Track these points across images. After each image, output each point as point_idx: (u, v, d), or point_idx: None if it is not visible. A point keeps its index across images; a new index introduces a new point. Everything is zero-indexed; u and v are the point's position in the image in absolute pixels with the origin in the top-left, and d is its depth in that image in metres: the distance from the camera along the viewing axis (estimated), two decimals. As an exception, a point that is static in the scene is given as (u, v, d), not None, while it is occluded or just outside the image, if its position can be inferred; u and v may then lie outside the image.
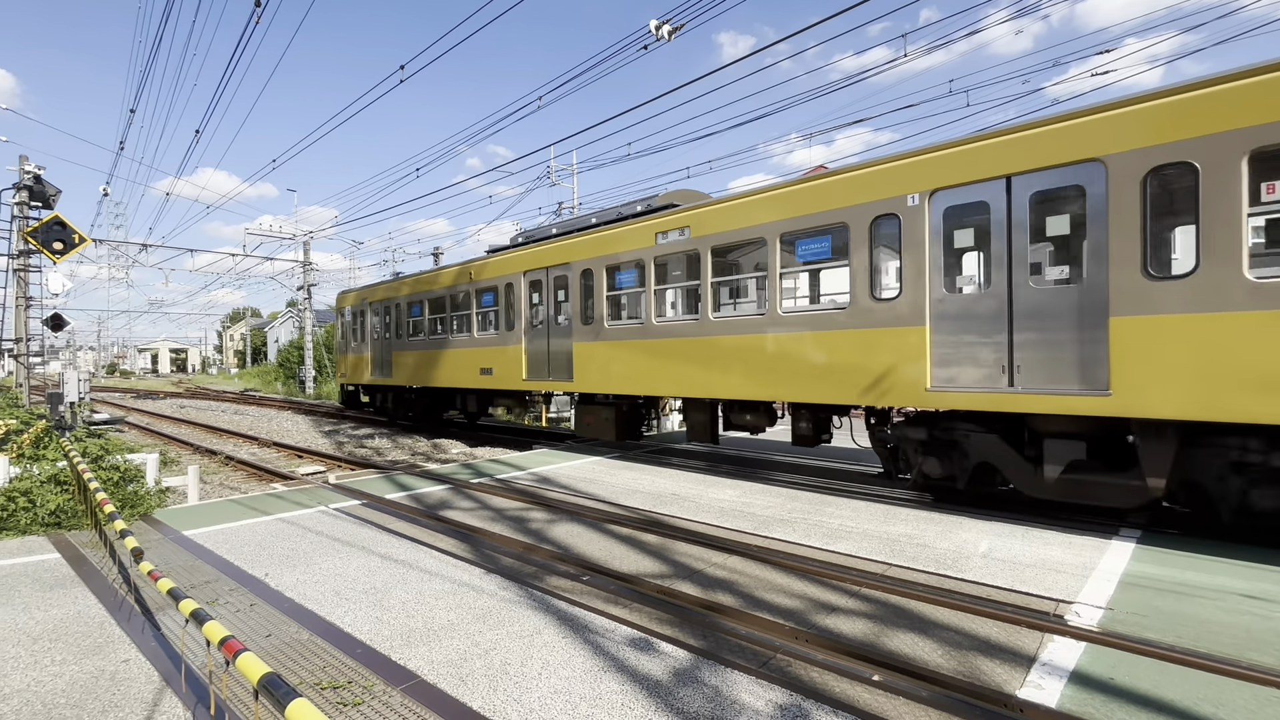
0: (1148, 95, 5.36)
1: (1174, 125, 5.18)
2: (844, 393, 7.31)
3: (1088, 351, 5.66)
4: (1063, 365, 5.81)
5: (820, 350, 7.54)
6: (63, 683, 3.43)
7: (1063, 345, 5.82)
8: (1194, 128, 5.08)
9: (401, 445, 14.78)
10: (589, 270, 10.64)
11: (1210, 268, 5.02)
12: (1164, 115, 5.25)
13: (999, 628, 4.05)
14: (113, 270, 33.20)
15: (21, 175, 16.30)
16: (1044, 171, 5.84)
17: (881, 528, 6.25)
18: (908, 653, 3.76)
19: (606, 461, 10.47)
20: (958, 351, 6.44)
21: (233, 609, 4.44)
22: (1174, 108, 5.20)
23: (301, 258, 33.96)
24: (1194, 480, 5.69)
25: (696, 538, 6.04)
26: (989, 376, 6.24)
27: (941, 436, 7.02)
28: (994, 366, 6.21)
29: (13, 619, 4.30)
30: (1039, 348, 5.94)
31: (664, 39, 9.10)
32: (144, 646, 3.86)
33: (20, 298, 16.50)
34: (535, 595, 4.58)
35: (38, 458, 8.10)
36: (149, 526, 6.84)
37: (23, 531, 6.54)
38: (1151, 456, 5.61)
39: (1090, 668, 3.49)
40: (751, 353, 8.24)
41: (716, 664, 3.52)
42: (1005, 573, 4.94)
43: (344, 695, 3.25)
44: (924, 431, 7.13)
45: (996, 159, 6.11)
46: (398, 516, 7.11)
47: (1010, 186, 6.06)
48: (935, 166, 6.53)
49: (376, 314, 17.53)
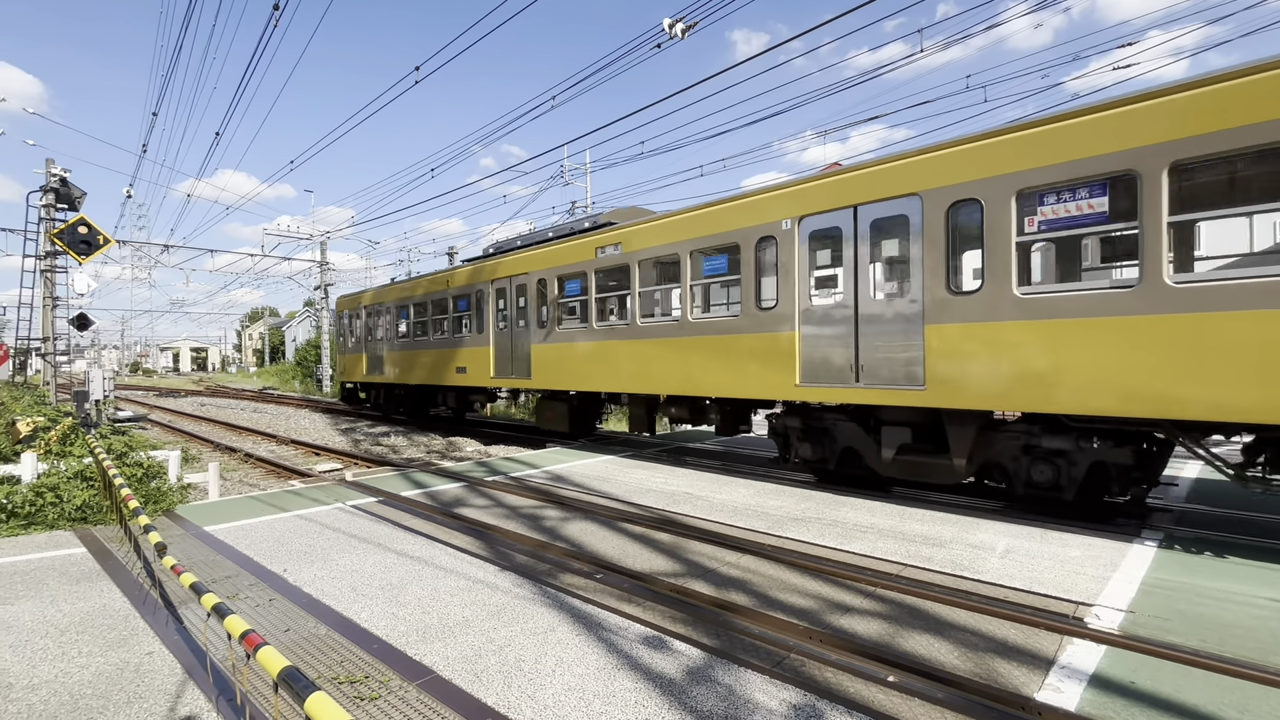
0: (956, 141, 6.51)
1: (967, 168, 6.34)
2: (741, 389, 8.52)
3: (910, 353, 6.81)
4: (893, 365, 6.97)
5: (721, 352, 8.72)
6: (89, 674, 3.51)
7: (893, 348, 6.97)
8: (980, 170, 6.24)
9: (417, 443, 14.92)
10: (543, 279, 11.93)
11: (991, 285, 6.18)
12: (961, 159, 6.40)
13: (1016, 629, 4.00)
14: (135, 271, 33.87)
15: (48, 178, 16.67)
16: (879, 203, 7.04)
17: (896, 527, 6.20)
18: (923, 654, 3.73)
19: (619, 460, 10.49)
20: (819, 353, 7.64)
21: (253, 604, 4.51)
22: (968, 153, 6.36)
23: (318, 258, 34.38)
24: (994, 461, 6.89)
25: (710, 536, 6.03)
26: (842, 374, 7.42)
27: (814, 425, 8.32)
28: (845, 365, 7.40)
29: (41, 611, 4.41)
30: (877, 350, 7.11)
31: (677, 37, 9.08)
32: (167, 639, 3.94)
33: (47, 298, 16.88)
34: (549, 593, 4.60)
35: (64, 454, 8.28)
36: (171, 522, 6.97)
37: (50, 526, 6.70)
38: (957, 441, 6.87)
39: (1110, 671, 3.44)
40: (672, 354, 9.43)
41: (730, 663, 3.51)
42: (1023, 574, 4.88)
43: (361, 690, 3.29)
44: (799, 421, 8.43)
45: (847, 191, 7.31)
46: (413, 514, 7.18)
47: (856, 214, 7.25)
48: (804, 196, 7.71)
49: (370, 317, 18.99)
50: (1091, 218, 5.66)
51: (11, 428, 8.92)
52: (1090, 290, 5.69)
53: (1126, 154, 5.38)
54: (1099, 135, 5.55)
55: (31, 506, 6.74)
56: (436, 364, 15.49)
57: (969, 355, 6.35)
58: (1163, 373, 5.25)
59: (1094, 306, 5.59)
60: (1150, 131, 5.30)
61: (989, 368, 6.24)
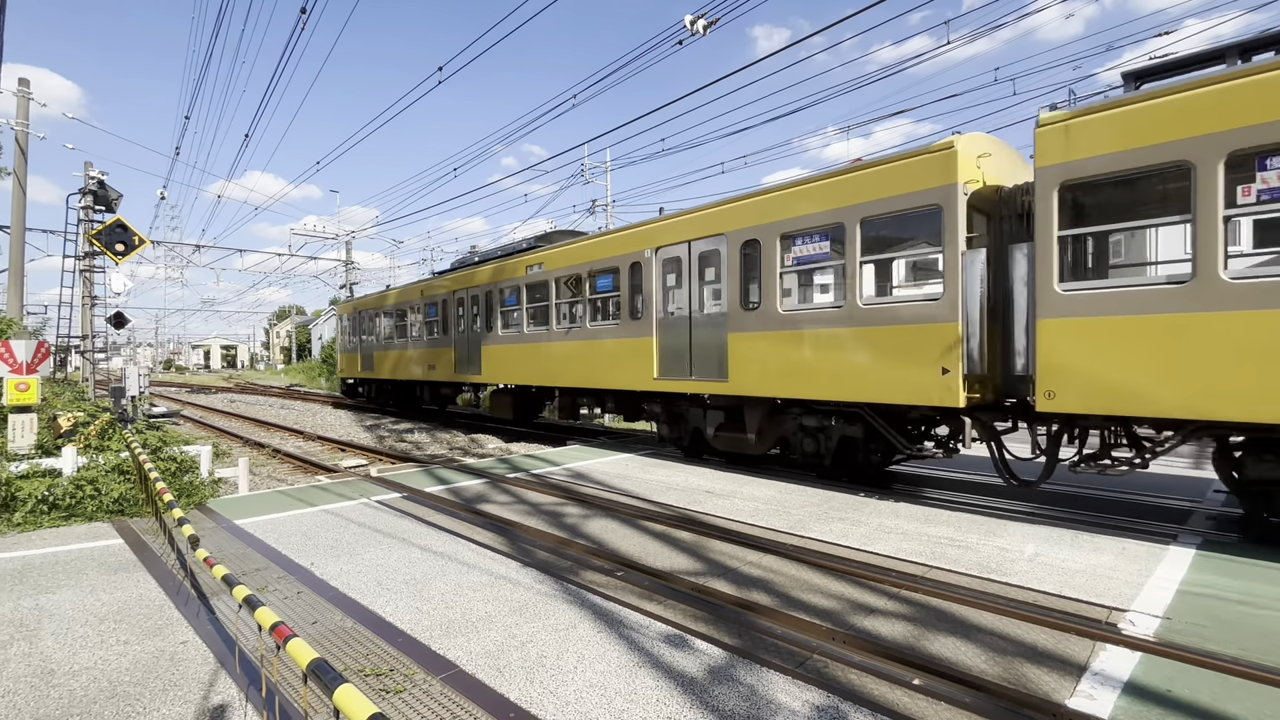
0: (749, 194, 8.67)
1: (753, 216, 8.55)
2: (623, 381, 10.78)
3: (721, 354, 8.99)
4: (712, 362, 9.18)
5: (609, 353, 11.03)
6: (127, 661, 3.62)
7: (712, 350, 9.18)
8: (761, 218, 8.42)
9: (440, 440, 15.10)
10: (490, 292, 14.39)
11: (766, 303, 8.39)
12: (749, 209, 8.61)
13: (1046, 634, 3.91)
14: (169, 270, 34.80)
15: (86, 180, 17.19)
16: (704, 239, 9.31)
17: (921, 529, 6.11)
18: (949, 657, 3.66)
19: (639, 459, 10.49)
20: (670, 352, 9.95)
21: (281, 596, 4.61)
22: (754, 205, 8.55)
23: (344, 257, 34.96)
24: (784, 437, 8.97)
25: (731, 535, 6.01)
26: (682, 369, 9.70)
27: (671, 409, 10.67)
28: (684, 362, 9.67)
29: (81, 600, 4.56)
30: (702, 351, 9.36)
31: (699, 34, 9.04)
32: (200, 629, 4.04)
33: (86, 297, 17.42)
34: (570, 589, 4.63)
35: (102, 449, 8.54)
36: (203, 515, 7.15)
37: (89, 518, 6.92)
38: (752, 421, 9.07)
39: (1146, 679, 3.34)
40: (579, 354, 11.73)
41: (752, 663, 3.49)
42: (1053, 578, 4.77)
43: (386, 683, 3.34)
44: (660, 407, 10.81)
45: (685, 230, 9.61)
46: (437, 509, 7.27)
47: (690, 247, 9.56)
48: (659, 232, 10.07)
49: (363, 321, 21.82)
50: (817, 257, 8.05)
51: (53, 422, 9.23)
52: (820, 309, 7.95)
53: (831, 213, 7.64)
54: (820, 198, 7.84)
55: (72, 499, 6.97)
56: (414, 362, 18.08)
57: (752, 355, 8.57)
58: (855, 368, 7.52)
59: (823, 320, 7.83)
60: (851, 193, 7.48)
61: (764, 364, 8.40)
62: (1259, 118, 4.93)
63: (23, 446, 8.04)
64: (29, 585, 4.88)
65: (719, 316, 9.08)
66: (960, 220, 6.52)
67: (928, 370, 6.72)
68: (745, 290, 8.72)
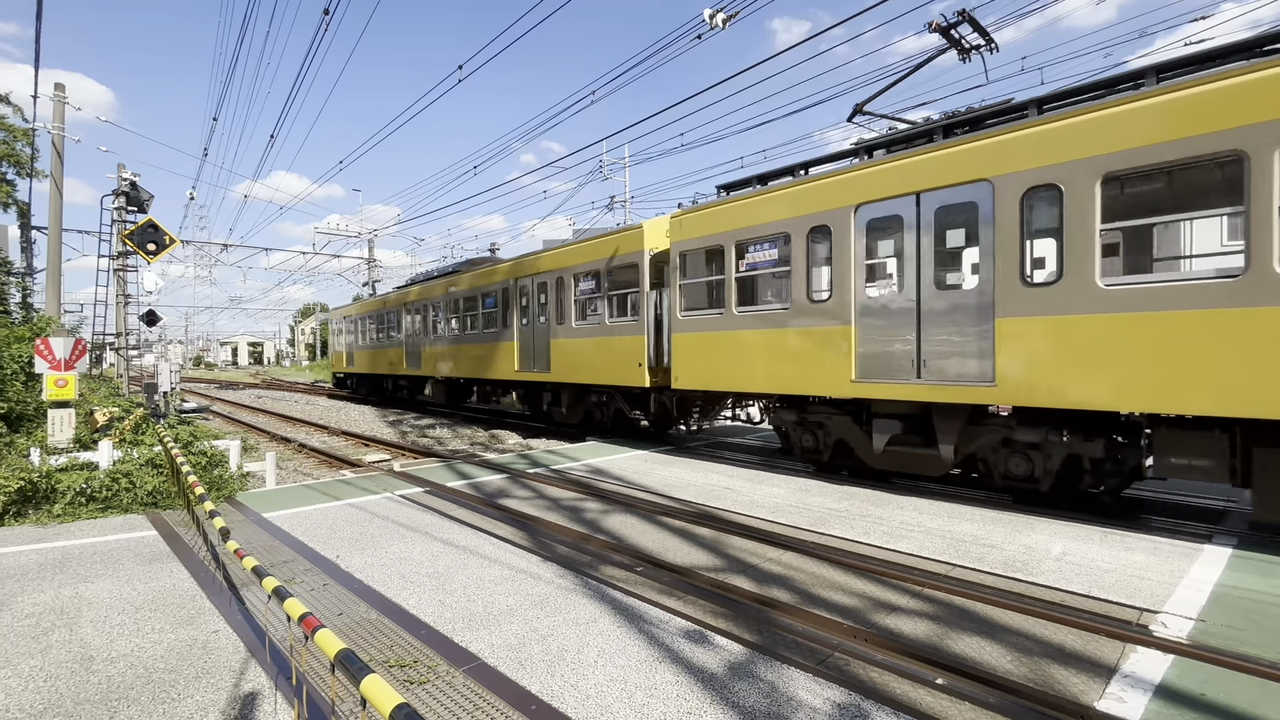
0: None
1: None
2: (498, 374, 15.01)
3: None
4: (625, 365, 11.23)
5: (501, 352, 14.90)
6: (162, 649, 3.73)
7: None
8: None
9: (461, 435, 15.26)
10: (426, 304, 19.21)
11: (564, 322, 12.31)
12: (656, 229, 10.82)
13: (1075, 635, 3.84)
14: (197, 269, 35.60)
15: (119, 182, 17.65)
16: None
17: (945, 526, 6.03)
18: (974, 657, 3.61)
19: (657, 455, 10.50)
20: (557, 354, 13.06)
21: (308, 588, 4.71)
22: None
23: (366, 255, 35.44)
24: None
25: (750, 532, 5.99)
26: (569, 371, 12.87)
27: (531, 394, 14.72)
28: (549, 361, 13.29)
29: (118, 590, 4.70)
30: (608, 354, 11.68)
31: (718, 27, 8.97)
32: (231, 619, 4.15)
33: (120, 295, 17.90)
34: (590, 584, 4.65)
35: (137, 442, 8.80)
36: (232, 508, 7.33)
37: (125, 510, 7.13)
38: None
39: (1179, 682, 3.26)
40: (481, 352, 15.73)
41: (772, 659, 3.48)
42: (1081, 578, 4.68)
43: (410, 674, 3.40)
44: (522, 390, 14.88)
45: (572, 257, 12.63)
46: (458, 504, 7.36)
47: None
48: (567, 256, 12.77)
49: (350, 323, 26.72)
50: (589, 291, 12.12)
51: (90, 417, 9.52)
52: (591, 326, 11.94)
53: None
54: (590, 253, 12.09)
55: (108, 491, 7.19)
56: (380, 360, 23.07)
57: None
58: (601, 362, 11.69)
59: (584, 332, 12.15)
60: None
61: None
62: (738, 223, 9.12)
63: (62, 440, 8.31)
64: (69, 574, 5.05)
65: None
66: (645, 273, 10.78)
67: (632, 364, 10.92)
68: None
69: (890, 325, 7.35)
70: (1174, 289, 5.38)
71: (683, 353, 9.87)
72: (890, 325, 7.35)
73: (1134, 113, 5.55)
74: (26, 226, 18.74)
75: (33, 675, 3.43)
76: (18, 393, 8.39)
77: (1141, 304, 5.53)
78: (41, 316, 14.48)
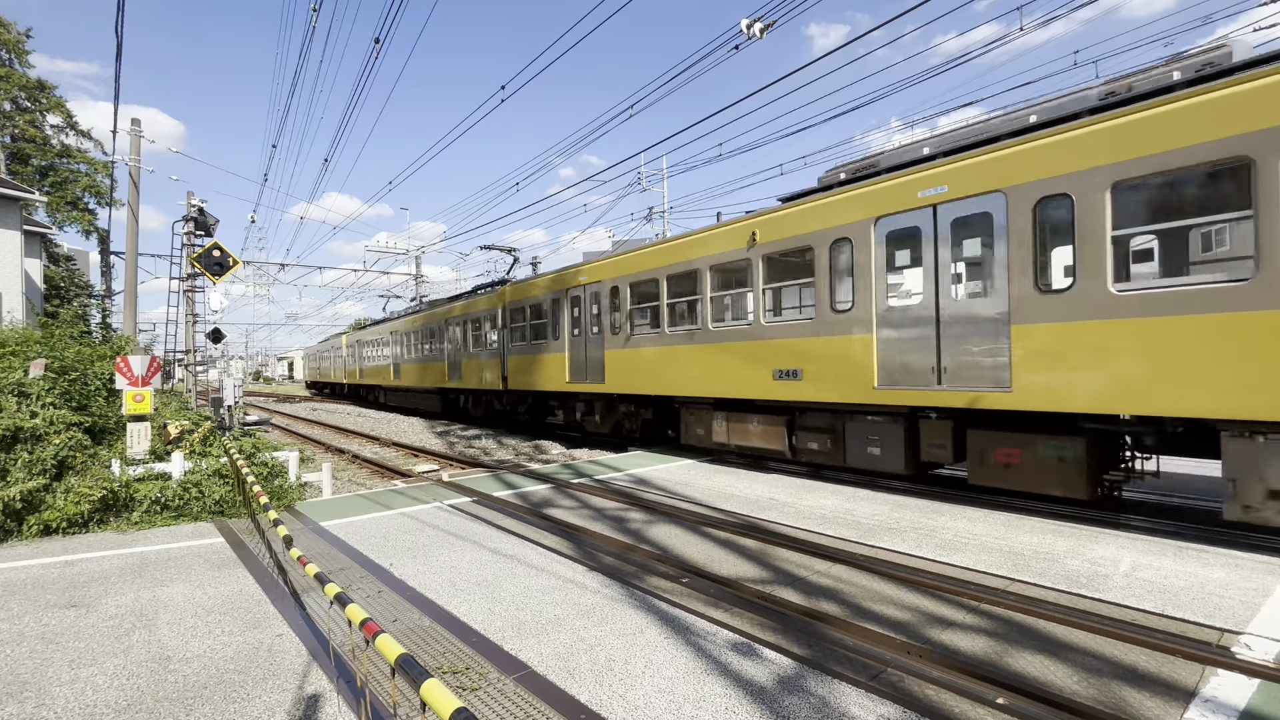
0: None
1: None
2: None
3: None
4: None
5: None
6: (231, 651, 3.92)
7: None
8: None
9: (506, 445, 15.54)
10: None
11: None
12: (604, 268, 12.88)
13: (1147, 655, 3.64)
14: (257, 288, 37.43)
15: (189, 208, 18.79)
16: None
17: (1002, 539, 5.80)
18: (1037, 676, 3.46)
19: (701, 465, 10.45)
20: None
21: (364, 595, 4.87)
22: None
23: (414, 271, 36.60)
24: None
25: (797, 544, 5.89)
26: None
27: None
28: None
29: (191, 594, 4.97)
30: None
31: (756, 37, 8.98)
32: (294, 624, 4.33)
33: (188, 314, 19.01)
34: (636, 594, 4.66)
35: (205, 454, 9.29)
36: (292, 517, 7.65)
37: (195, 518, 7.54)
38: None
39: (1266, 708, 3.05)
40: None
41: (823, 674, 3.42)
42: (1153, 595, 4.43)
43: (463, 680, 3.48)
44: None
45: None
46: (505, 513, 7.49)
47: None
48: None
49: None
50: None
51: (163, 430, 10.10)
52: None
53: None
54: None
55: (180, 500, 7.62)
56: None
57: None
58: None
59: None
60: None
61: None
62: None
63: (139, 452, 8.84)
64: (146, 579, 5.37)
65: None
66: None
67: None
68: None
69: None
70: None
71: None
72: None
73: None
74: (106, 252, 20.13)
75: (116, 673, 3.66)
76: (100, 408, 8.98)
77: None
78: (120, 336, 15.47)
